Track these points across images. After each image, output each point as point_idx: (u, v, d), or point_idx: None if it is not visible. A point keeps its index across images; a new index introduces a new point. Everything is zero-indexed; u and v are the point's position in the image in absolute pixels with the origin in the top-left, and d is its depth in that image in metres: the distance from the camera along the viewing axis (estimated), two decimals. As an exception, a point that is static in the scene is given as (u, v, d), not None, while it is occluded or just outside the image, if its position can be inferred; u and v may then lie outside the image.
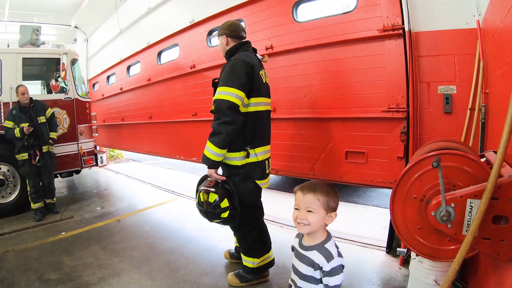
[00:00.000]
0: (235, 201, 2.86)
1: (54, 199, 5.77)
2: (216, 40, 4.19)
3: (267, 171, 3.09)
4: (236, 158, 2.87)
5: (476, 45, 2.78)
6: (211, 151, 2.73)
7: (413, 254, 2.25)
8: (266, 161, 3.05)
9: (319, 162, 3.91)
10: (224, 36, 3.05)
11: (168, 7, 6.31)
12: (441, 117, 3.06)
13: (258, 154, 2.92)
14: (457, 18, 2.90)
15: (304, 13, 4.10)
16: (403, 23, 3.14)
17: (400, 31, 3.17)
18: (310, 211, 1.67)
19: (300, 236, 1.85)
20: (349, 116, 3.60)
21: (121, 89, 8.39)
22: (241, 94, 2.72)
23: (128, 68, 8.23)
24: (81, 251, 4.03)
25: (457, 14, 2.91)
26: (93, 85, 10.35)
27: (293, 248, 1.88)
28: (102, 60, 9.62)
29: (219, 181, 2.88)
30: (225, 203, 2.80)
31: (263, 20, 4.37)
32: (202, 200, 2.82)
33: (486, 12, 2.63)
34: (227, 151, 2.82)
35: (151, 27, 6.94)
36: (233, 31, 3.05)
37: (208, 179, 2.92)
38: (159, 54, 6.85)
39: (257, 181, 2.98)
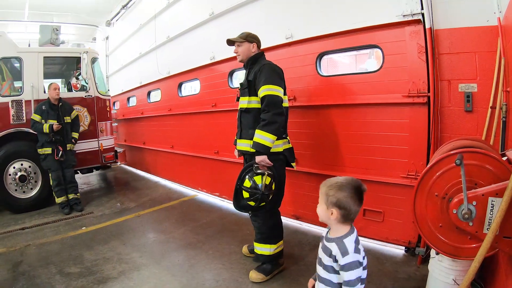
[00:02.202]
0: (276, 185, 3.11)
1: (78, 194, 5.86)
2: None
3: None
4: (279, 145, 3.18)
5: (497, 43, 2.75)
6: (267, 138, 2.98)
7: (432, 253, 2.26)
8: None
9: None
10: (254, 43, 3.34)
11: (187, 39, 6.37)
12: (461, 115, 3.04)
13: (289, 141, 3.32)
14: (478, 15, 2.87)
15: (327, 64, 4.05)
16: (428, 91, 3.14)
17: (425, 99, 3.17)
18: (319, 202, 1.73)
19: (328, 228, 1.88)
20: (369, 178, 3.62)
21: (142, 113, 8.51)
22: (282, 91, 3.11)
23: (149, 94, 8.33)
24: (101, 245, 4.13)
25: (477, 11, 2.88)
26: (113, 103, 10.46)
27: (322, 238, 1.91)
28: (122, 79, 9.85)
29: (268, 166, 3.09)
30: (274, 186, 3.07)
31: (285, 68, 4.29)
32: (258, 182, 2.99)
33: (507, 9, 2.59)
34: None
35: (171, 56, 7.00)
36: (260, 42, 3.40)
37: (256, 165, 3.06)
38: (180, 85, 6.90)
39: (292, 163, 3.35)
